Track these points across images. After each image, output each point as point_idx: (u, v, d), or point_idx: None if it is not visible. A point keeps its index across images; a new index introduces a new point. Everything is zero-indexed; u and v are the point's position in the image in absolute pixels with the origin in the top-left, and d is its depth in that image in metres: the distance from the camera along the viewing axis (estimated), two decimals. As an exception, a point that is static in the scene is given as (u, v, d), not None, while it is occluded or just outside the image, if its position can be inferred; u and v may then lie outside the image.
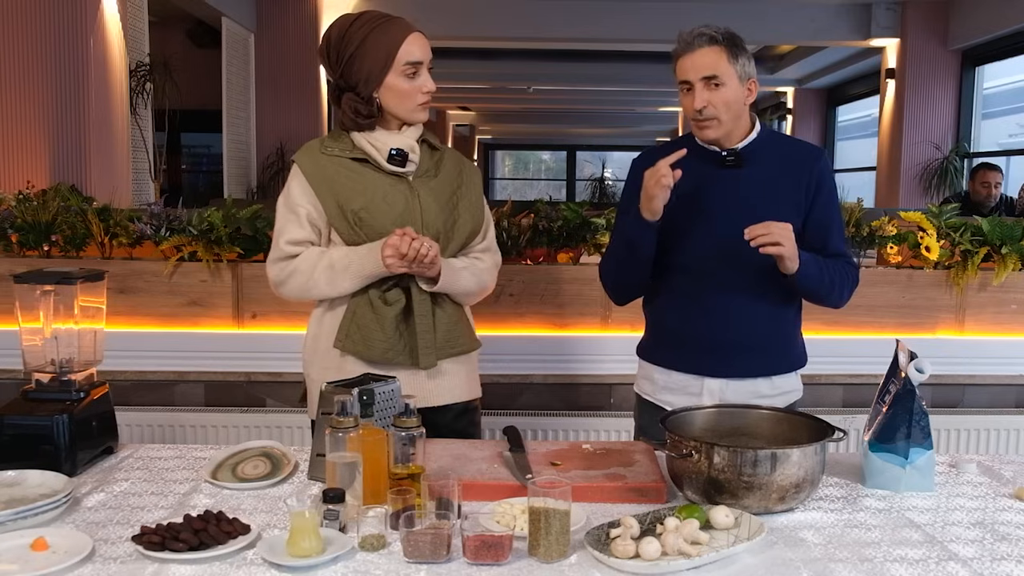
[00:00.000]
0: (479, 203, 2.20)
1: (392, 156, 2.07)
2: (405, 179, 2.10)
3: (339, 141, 2.12)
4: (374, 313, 2.06)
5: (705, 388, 2.14)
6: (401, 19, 2.07)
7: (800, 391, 2.23)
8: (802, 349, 2.24)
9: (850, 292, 2.18)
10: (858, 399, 3.27)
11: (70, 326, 1.93)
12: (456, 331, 2.15)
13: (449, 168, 2.19)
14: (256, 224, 3.18)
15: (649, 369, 2.25)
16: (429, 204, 2.09)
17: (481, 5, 8.56)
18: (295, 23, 8.03)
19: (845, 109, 12.56)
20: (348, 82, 2.07)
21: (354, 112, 2.07)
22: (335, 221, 2.06)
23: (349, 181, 2.07)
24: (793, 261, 1.99)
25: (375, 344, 2.06)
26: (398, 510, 1.51)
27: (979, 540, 1.57)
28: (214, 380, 3.28)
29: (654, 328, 2.26)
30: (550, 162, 23.50)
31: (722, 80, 2.05)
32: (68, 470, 1.79)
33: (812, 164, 2.14)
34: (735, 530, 1.54)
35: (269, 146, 8.02)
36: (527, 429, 3.17)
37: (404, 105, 2.07)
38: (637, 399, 2.31)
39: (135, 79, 5.83)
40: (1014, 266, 3.21)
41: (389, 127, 2.11)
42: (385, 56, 2.02)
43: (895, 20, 8.64)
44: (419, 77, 2.06)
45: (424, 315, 2.07)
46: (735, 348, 2.12)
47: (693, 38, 2.06)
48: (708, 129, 2.09)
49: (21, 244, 3.21)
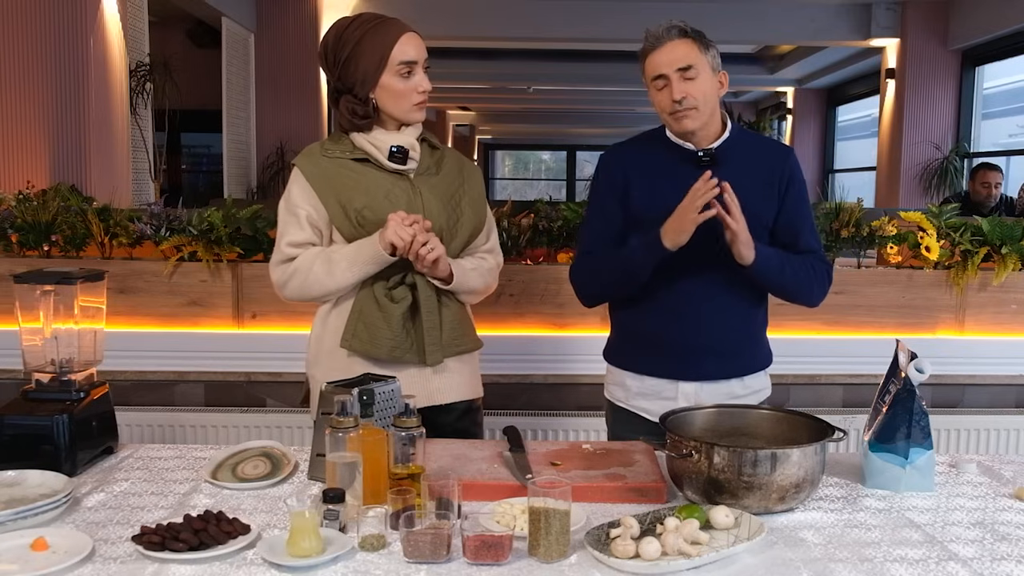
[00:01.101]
0: (481, 201, 2.21)
1: (393, 153, 2.08)
2: (407, 177, 2.11)
3: (339, 143, 2.13)
4: (380, 311, 2.07)
5: (680, 392, 2.13)
6: (396, 20, 2.08)
7: (769, 389, 2.24)
8: (768, 348, 2.24)
9: (822, 289, 2.16)
10: (858, 399, 3.27)
11: (70, 326, 1.93)
12: (460, 329, 2.15)
13: (450, 167, 2.20)
14: (256, 224, 3.18)
15: (620, 375, 2.22)
16: (431, 201, 2.10)
17: (481, 5, 8.56)
18: (295, 23, 8.03)
19: (845, 109, 12.56)
20: (345, 84, 2.08)
21: (351, 113, 2.08)
22: (338, 221, 2.06)
23: (351, 181, 2.08)
24: (747, 248, 1.98)
25: (382, 342, 2.06)
26: (398, 510, 1.51)
27: (979, 540, 1.57)
28: (214, 380, 3.28)
29: (624, 332, 2.23)
30: (550, 162, 23.49)
31: (697, 71, 2.04)
32: (68, 470, 1.79)
33: (783, 162, 2.14)
34: (735, 530, 1.54)
35: (269, 146, 8.03)
36: (527, 429, 3.17)
37: (400, 105, 2.08)
38: (609, 405, 2.29)
39: (135, 79, 5.83)
40: (1014, 266, 3.21)
41: (387, 128, 2.11)
42: (379, 56, 2.03)
43: (895, 20, 8.64)
44: (414, 77, 2.07)
45: (431, 312, 2.08)
46: (709, 352, 2.11)
47: (663, 32, 2.05)
48: (687, 119, 2.06)
49: (21, 244, 3.21)
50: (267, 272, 2.17)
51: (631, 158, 2.17)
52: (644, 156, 2.16)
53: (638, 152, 2.18)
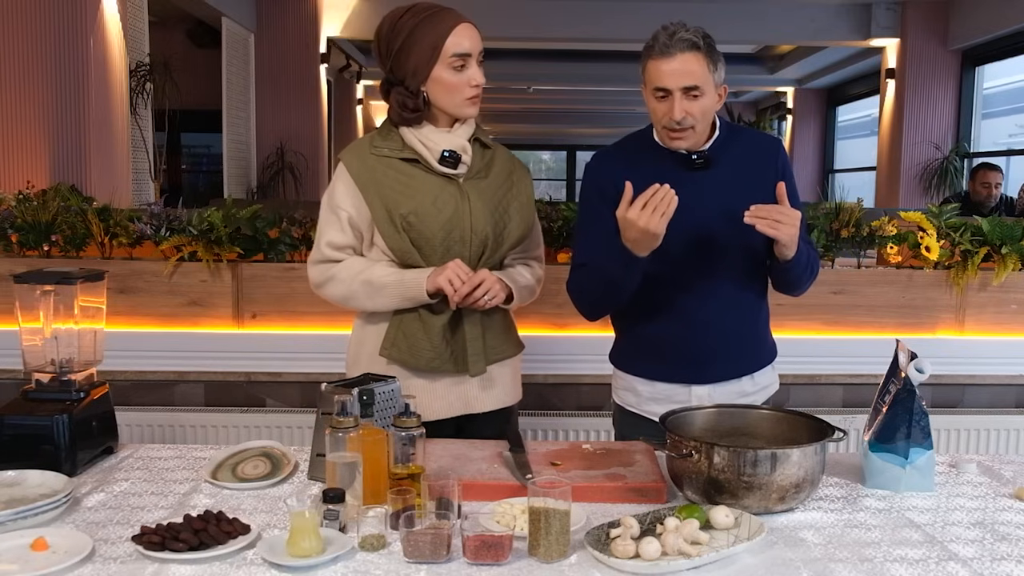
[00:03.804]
0: (529, 206, 2.15)
1: (444, 158, 2.02)
2: (455, 181, 2.05)
3: (388, 139, 2.06)
4: (421, 322, 2.04)
5: (693, 395, 2.11)
6: (452, 10, 2.00)
7: (777, 384, 2.24)
8: (772, 341, 2.23)
9: (814, 277, 2.15)
10: (858, 399, 3.27)
11: (70, 326, 1.93)
12: (504, 336, 2.13)
13: (499, 168, 2.13)
14: (256, 224, 3.17)
15: (630, 380, 2.19)
16: (479, 208, 2.04)
17: (481, 5, 8.47)
18: (295, 23, 8.03)
19: (845, 109, 12.55)
20: (397, 75, 2.01)
21: (401, 106, 2.02)
22: (382, 225, 2.01)
23: (398, 184, 2.02)
24: (790, 248, 1.95)
25: (421, 353, 2.04)
26: (398, 510, 1.50)
27: (979, 540, 1.57)
28: (214, 380, 3.28)
29: (630, 337, 2.20)
30: (550, 162, 23.47)
31: (702, 91, 1.96)
32: (68, 470, 1.79)
33: (775, 155, 2.11)
34: (735, 530, 1.54)
35: (269, 146, 8.03)
36: (527, 429, 3.17)
37: (452, 99, 2.01)
38: (618, 409, 2.26)
39: (135, 79, 5.83)
40: (1014, 266, 3.21)
41: (438, 123, 2.05)
42: (432, 48, 1.97)
43: (895, 20, 8.63)
44: (467, 70, 2.00)
45: (474, 323, 2.05)
46: (718, 354, 2.10)
47: (672, 42, 1.94)
48: (682, 140, 2.01)
49: (21, 244, 3.21)
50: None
51: (620, 164, 2.10)
52: (633, 161, 2.09)
53: (627, 157, 2.12)
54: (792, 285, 2.13)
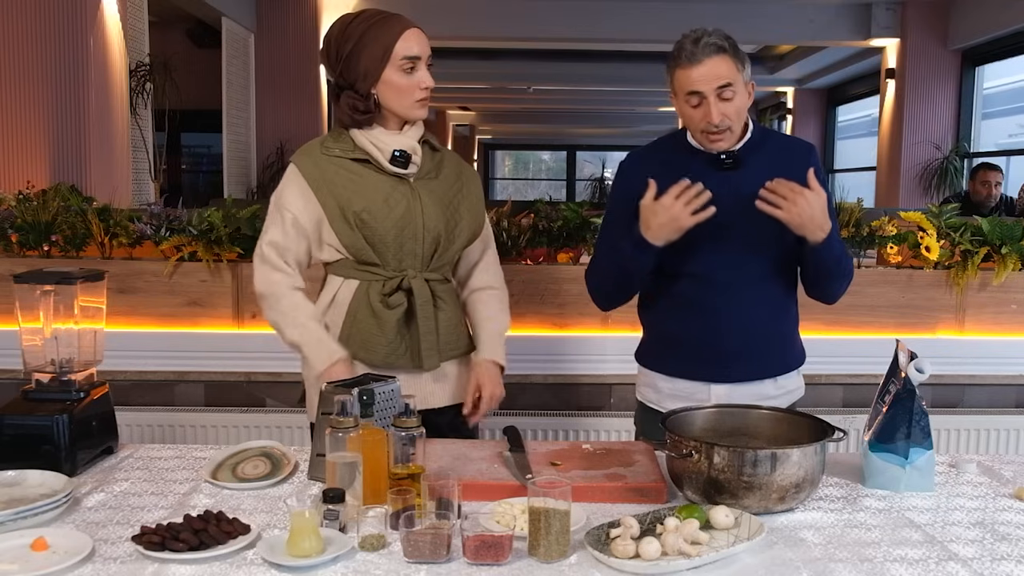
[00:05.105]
0: (479, 205, 2.20)
1: (395, 158, 2.06)
2: (406, 180, 2.09)
3: (340, 141, 2.10)
4: (375, 317, 2.06)
5: (712, 394, 2.11)
6: (399, 16, 2.06)
7: (802, 389, 2.23)
8: (801, 347, 2.23)
9: (847, 284, 2.15)
10: (858, 399, 3.27)
11: (70, 326, 1.93)
12: (457, 332, 2.16)
13: (449, 170, 2.18)
14: (256, 224, 3.17)
15: (652, 376, 2.21)
16: (430, 206, 2.09)
17: (481, 5, 8.55)
18: (295, 23, 8.03)
19: (845, 109, 12.56)
20: (347, 79, 2.06)
21: (352, 109, 2.06)
22: (335, 223, 2.05)
23: (350, 183, 2.06)
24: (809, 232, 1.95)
25: (377, 348, 2.06)
26: (398, 510, 1.51)
27: (979, 540, 1.57)
28: (214, 380, 3.28)
29: (655, 335, 2.22)
30: (550, 162, 23.48)
31: (734, 90, 1.98)
32: (68, 470, 1.79)
33: (806, 158, 2.10)
34: (735, 530, 1.54)
35: (269, 146, 8.02)
36: (527, 429, 3.17)
37: (402, 101, 2.06)
38: (640, 405, 2.28)
39: (135, 79, 5.83)
40: (1014, 266, 3.21)
41: (388, 125, 2.09)
42: (382, 51, 2.01)
43: (895, 20, 8.64)
44: (417, 72, 2.04)
45: (427, 318, 2.08)
46: (741, 354, 2.09)
47: (699, 48, 1.95)
48: (723, 141, 2.03)
49: (21, 244, 3.21)
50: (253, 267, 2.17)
51: (650, 165, 2.11)
52: (664, 161, 2.11)
53: (657, 158, 2.14)
54: (822, 282, 2.11)
